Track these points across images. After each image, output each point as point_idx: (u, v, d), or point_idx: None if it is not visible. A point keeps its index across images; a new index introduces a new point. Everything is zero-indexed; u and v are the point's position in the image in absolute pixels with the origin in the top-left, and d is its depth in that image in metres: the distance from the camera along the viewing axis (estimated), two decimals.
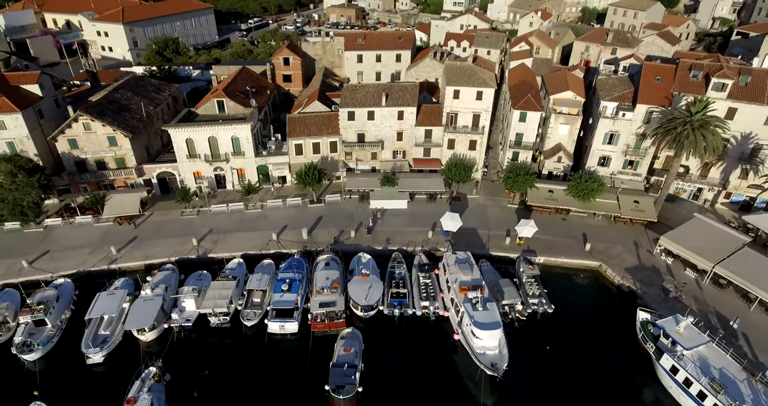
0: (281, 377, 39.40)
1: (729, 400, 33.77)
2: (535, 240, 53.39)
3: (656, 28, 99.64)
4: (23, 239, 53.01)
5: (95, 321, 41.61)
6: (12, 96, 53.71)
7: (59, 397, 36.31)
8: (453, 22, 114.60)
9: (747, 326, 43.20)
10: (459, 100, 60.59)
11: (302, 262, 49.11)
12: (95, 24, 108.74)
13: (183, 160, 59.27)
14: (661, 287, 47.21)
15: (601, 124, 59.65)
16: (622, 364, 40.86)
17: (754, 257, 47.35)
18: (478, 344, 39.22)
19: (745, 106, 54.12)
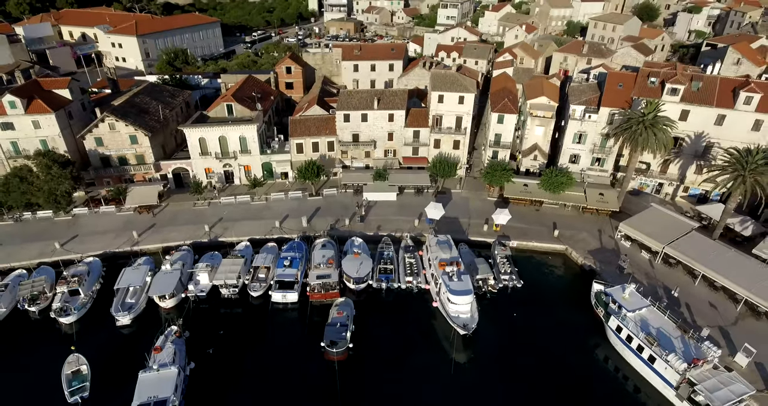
0: (283, 338, 45.80)
1: (661, 350, 40.03)
2: (510, 227, 59.95)
3: (633, 40, 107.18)
4: (54, 226, 59.65)
5: (122, 291, 48.10)
6: (46, 99, 60.81)
7: (94, 350, 42.52)
8: (444, 34, 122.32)
9: (691, 297, 49.53)
10: (443, 104, 67.62)
11: (302, 244, 55.66)
12: (110, 36, 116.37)
13: (196, 158, 66.17)
14: (618, 266, 53.61)
15: (570, 125, 66.57)
16: (578, 327, 47.22)
17: (700, 239, 53.83)
18: (453, 308, 45.63)
19: (696, 108, 60.98)
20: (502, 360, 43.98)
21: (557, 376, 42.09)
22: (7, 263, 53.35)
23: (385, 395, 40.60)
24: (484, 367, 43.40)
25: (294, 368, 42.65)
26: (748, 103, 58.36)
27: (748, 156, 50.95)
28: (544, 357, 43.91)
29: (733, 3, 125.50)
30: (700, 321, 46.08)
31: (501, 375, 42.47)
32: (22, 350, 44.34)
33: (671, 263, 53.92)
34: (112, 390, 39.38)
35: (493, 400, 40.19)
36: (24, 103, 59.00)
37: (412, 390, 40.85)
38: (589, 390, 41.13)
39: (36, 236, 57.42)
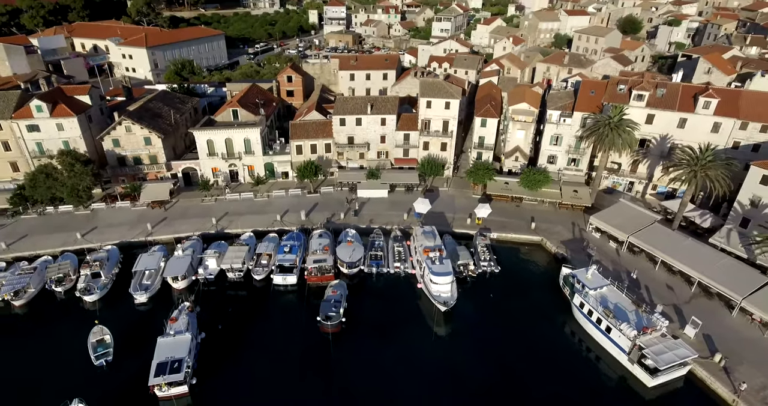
0: (283, 315, 51.27)
1: (616, 321, 45.42)
2: (491, 221, 65.61)
3: (614, 51, 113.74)
4: (74, 219, 65.33)
5: (139, 273, 53.61)
6: (69, 104, 66.88)
7: (115, 323, 47.82)
8: (437, 46, 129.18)
9: (651, 281, 54.93)
10: (431, 109, 73.70)
11: (301, 235, 61.30)
12: (121, 48, 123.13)
13: (204, 158, 72.09)
14: (586, 253, 59.14)
15: (547, 128, 72.59)
16: (547, 305, 52.66)
17: (661, 230, 59.47)
18: (435, 288, 51.10)
19: (661, 112, 66.98)
20: (478, 333, 49.37)
21: (527, 346, 47.38)
22: (34, 250, 58.94)
23: (374, 362, 45.82)
24: (462, 339, 48.77)
25: (293, 339, 47.99)
26: (707, 107, 64.32)
27: (699, 154, 56.74)
28: (515, 330, 49.26)
29: (711, 16, 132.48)
30: (656, 300, 51.40)
31: (476, 346, 47.79)
32: (50, 324, 49.85)
33: (635, 251, 59.47)
34: (133, 355, 44.73)
35: (470, 367, 45.36)
36: (49, 107, 65.08)
37: (398, 358, 46.08)
38: (556, 358, 46.37)
39: (58, 228, 63.09)
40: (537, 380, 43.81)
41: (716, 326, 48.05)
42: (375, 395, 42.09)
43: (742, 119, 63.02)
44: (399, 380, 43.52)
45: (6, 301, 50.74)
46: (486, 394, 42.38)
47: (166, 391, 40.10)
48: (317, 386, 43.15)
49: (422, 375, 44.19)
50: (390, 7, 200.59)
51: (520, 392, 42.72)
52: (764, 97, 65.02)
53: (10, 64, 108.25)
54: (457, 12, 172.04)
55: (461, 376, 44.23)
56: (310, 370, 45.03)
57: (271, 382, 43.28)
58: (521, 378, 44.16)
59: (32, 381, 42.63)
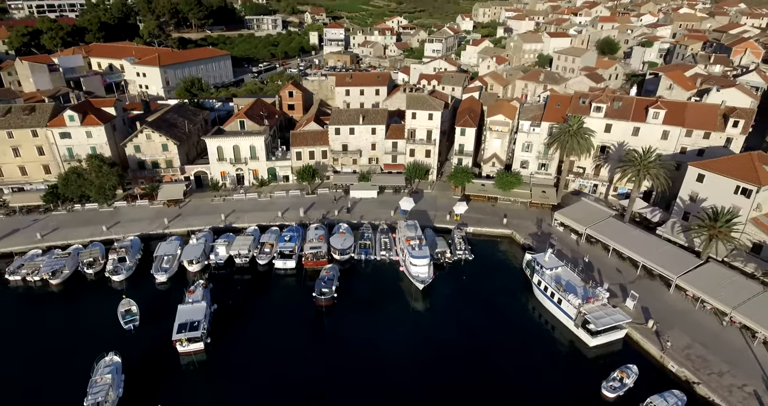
0: (284, 293, 59.53)
1: (566, 294, 53.54)
2: (468, 217, 74.16)
3: (589, 70, 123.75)
4: (99, 215, 73.85)
5: (159, 258, 61.87)
6: (97, 114, 76.12)
7: (139, 298, 55.87)
8: (428, 65, 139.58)
9: (603, 265, 63.09)
10: (416, 120, 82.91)
11: (299, 228, 69.76)
12: (136, 67, 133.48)
13: (214, 163, 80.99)
14: (549, 243, 67.40)
15: (519, 137, 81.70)
16: (512, 285, 60.86)
17: (615, 223, 67.94)
18: (414, 269, 59.34)
19: (617, 122, 76.10)
20: (451, 307, 57.47)
21: (493, 318, 55.39)
22: (65, 240, 67.30)
23: (361, 330, 53.65)
24: (437, 312, 56.92)
25: (291, 312, 56.07)
26: (656, 117, 73.45)
27: (642, 155, 65.70)
28: (484, 305, 57.35)
29: (681, 38, 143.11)
30: (606, 280, 59.16)
31: (449, 317, 55.84)
32: (84, 299, 58.13)
33: (592, 242, 67.87)
34: (156, 322, 52.64)
35: (443, 334, 53.23)
36: (80, 117, 74.24)
37: (382, 327, 54.04)
38: (517, 327, 54.39)
39: (85, 222, 71.60)
40: (501, 345, 51.64)
41: (655, 301, 56.19)
42: (362, 356, 49.83)
43: (687, 127, 72.09)
44: (382, 345, 51.34)
45: (44, 280, 59.04)
46: (457, 356, 49.92)
47: (186, 346, 48.13)
48: (312, 349, 51.02)
49: (402, 340, 52.10)
50: (386, 29, 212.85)
51: (487, 353, 50.44)
52: (706, 108, 74.35)
53: (33, 80, 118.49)
54: (448, 34, 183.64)
55: (435, 341, 52.08)
56: (306, 336, 52.99)
57: (273, 345, 51.17)
58: (487, 343, 51.98)
59: (72, 341, 50.55)
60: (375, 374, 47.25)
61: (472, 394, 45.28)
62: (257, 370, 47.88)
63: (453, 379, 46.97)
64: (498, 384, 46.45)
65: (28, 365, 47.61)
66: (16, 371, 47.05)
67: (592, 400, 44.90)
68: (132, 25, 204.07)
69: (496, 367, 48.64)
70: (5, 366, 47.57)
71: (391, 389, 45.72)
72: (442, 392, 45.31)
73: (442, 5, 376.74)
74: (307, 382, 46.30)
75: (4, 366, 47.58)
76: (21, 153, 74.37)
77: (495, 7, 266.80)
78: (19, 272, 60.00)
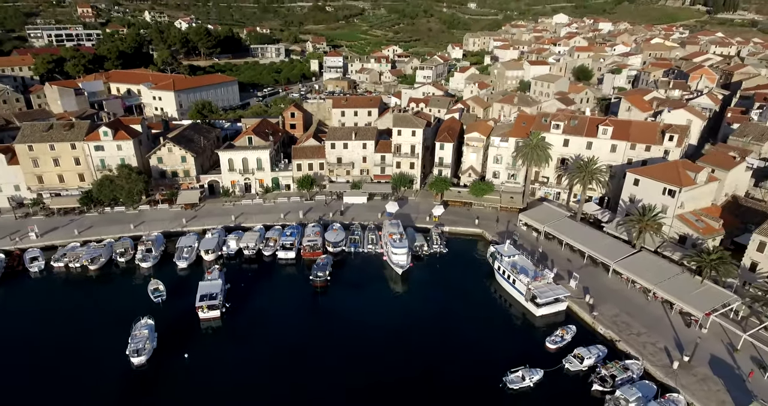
0: (285, 278, 70.65)
1: (519, 275, 64.62)
2: (446, 219, 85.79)
3: (562, 94, 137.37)
4: (126, 216, 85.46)
5: (180, 248, 73.26)
6: (126, 130, 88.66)
7: (165, 280, 66.87)
8: (418, 90, 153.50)
9: (557, 256, 74.37)
10: (401, 136, 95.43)
11: (299, 227, 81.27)
12: (153, 91, 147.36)
13: (225, 173, 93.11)
14: (513, 239, 78.77)
15: (491, 150, 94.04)
16: (478, 273, 71.99)
17: (569, 222, 79.52)
18: (394, 257, 70.60)
19: (573, 137, 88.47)
20: (426, 289, 68.59)
21: (461, 298, 66.19)
22: (99, 236, 78.69)
23: (349, 305, 64.60)
24: (413, 292, 68.02)
25: (291, 291, 67.29)
26: (605, 133, 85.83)
27: (587, 163, 77.92)
28: (453, 288, 68.30)
29: (647, 66, 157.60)
30: (557, 267, 70.46)
31: (424, 296, 66.89)
32: (117, 282, 69.32)
33: (549, 238, 79.28)
34: (179, 298, 63.59)
35: (418, 308, 64.16)
36: (112, 132, 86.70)
37: (366, 303, 65.10)
38: (480, 304, 65.33)
39: (115, 222, 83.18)
40: (467, 316, 62.32)
41: (595, 282, 67.28)
42: (350, 325, 60.34)
43: (632, 142, 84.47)
44: (367, 317, 62.14)
45: (84, 266, 70.32)
46: (430, 325, 60.46)
47: (206, 313, 59.13)
48: (309, 319, 61.88)
49: (383, 313, 63.08)
50: (382, 57, 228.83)
51: (455, 323, 60.93)
52: (647, 125, 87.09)
53: (61, 103, 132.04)
54: (437, 62, 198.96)
55: (412, 314, 62.87)
56: (304, 309, 64.01)
57: (276, 315, 62.18)
58: (456, 314, 62.60)
59: (110, 312, 61.35)
60: (361, 339, 57.43)
61: (443, 353, 55.76)
62: (263, 334, 58.66)
63: (427, 341, 57.49)
64: (464, 345, 56.95)
65: (77, 330, 58.38)
66: (68, 335, 57.74)
67: (537, 350, 55.56)
68: (146, 54, 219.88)
69: (463, 332, 59.29)
70: (59, 331, 58.38)
71: (374, 349, 56.12)
72: (418, 352, 55.70)
73: (437, 35, 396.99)
74: (305, 344, 56.97)
75: (59, 331, 58.38)
76: (60, 163, 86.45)
77: (484, 37, 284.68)
78: (62, 260, 71.37)
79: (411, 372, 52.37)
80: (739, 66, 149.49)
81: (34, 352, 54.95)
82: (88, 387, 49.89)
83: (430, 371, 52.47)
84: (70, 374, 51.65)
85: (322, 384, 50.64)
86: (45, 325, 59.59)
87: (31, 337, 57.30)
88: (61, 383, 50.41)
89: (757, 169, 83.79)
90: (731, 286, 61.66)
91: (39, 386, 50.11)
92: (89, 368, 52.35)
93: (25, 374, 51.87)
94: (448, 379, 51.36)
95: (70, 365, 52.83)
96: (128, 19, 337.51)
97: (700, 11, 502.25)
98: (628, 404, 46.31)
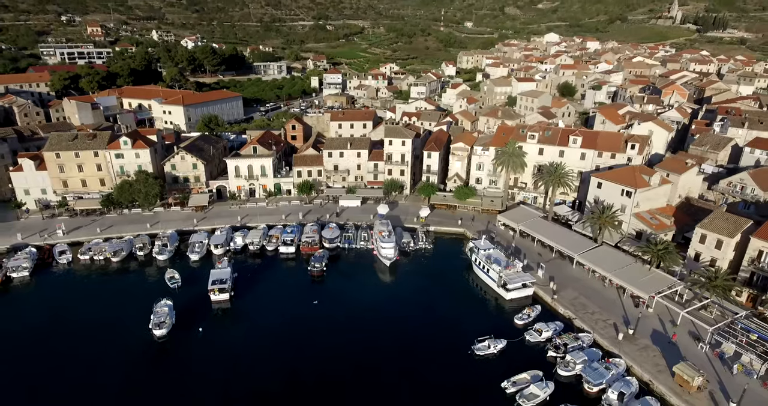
0: (286, 269, 79.41)
1: (492, 265, 73.37)
2: (431, 220, 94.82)
3: (545, 109, 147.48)
4: (142, 217, 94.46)
5: (193, 244, 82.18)
6: (143, 140, 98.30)
7: (180, 270, 75.70)
8: (411, 105, 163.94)
9: (530, 251, 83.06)
10: (392, 145, 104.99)
11: (299, 226, 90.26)
12: (163, 106, 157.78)
13: (232, 178, 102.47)
14: (490, 236, 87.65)
15: (473, 159, 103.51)
16: (458, 265, 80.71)
17: (541, 221, 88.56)
18: (383, 251, 79.48)
19: (548, 147, 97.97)
20: (411, 278, 77.27)
21: (443, 286, 74.85)
22: (119, 233, 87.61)
23: (343, 293, 73.08)
24: (400, 282, 76.69)
25: (291, 280, 76.02)
26: (575, 142, 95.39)
27: (555, 168, 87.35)
28: (436, 278, 77.00)
29: (626, 82, 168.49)
30: (528, 260, 79.26)
31: (409, 285, 75.54)
32: (137, 272, 78.03)
33: (524, 236, 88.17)
34: (193, 285, 72.27)
35: (403, 294, 72.84)
36: (131, 142, 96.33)
37: (357, 290, 73.67)
38: (460, 290, 74.00)
39: (133, 222, 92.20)
40: (446, 301, 70.89)
41: (560, 272, 75.91)
42: (343, 309, 68.82)
43: (599, 150, 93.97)
44: (358, 302, 70.69)
45: (107, 258, 79.20)
46: (414, 308, 69.16)
47: (217, 295, 67.80)
48: (307, 306, 70.18)
49: (373, 299, 71.64)
50: (379, 74, 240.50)
51: (436, 306, 69.50)
52: (613, 135, 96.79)
53: (79, 116, 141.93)
54: (431, 79, 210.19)
55: (397, 299, 71.64)
56: (302, 295, 72.51)
57: (278, 300, 70.73)
58: (436, 299, 71.19)
59: (132, 296, 70.08)
60: (353, 321, 65.75)
61: (422, 327, 64.24)
62: (266, 315, 67.18)
63: (409, 319, 66.13)
64: (441, 321, 65.52)
65: (104, 309, 66.96)
66: (96, 313, 66.27)
67: (505, 326, 64.06)
68: (155, 71, 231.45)
69: (441, 312, 67.87)
70: (88, 309, 67.03)
71: (364, 325, 64.66)
72: (401, 327, 64.12)
73: (434, 53, 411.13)
74: (303, 324, 65.46)
75: (88, 309, 67.03)
76: (84, 169, 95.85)
77: (477, 55, 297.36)
78: (88, 253, 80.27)
79: (395, 343, 60.83)
80: (710, 82, 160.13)
81: (68, 327, 63.50)
82: (117, 355, 58.31)
83: (411, 342, 60.91)
84: (100, 345, 60.01)
85: (318, 355, 58.93)
86: (75, 306, 68.32)
87: (64, 316, 65.94)
88: (94, 352, 58.79)
89: (712, 174, 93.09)
90: (677, 273, 70.38)
91: (75, 354, 58.49)
92: (117, 339, 60.85)
93: (64, 343, 60.32)
94: (425, 346, 59.86)
95: (101, 337, 61.26)
96: (136, 37, 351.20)
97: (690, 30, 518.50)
98: (575, 365, 54.81)
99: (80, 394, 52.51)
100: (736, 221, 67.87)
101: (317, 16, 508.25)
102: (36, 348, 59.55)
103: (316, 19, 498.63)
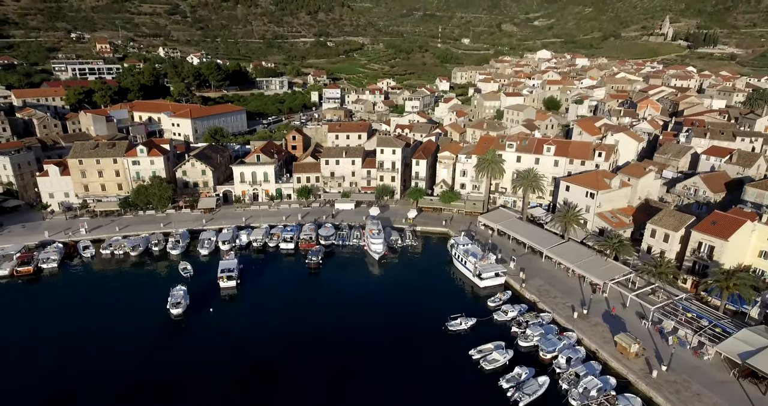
0: (286, 263, 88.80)
1: (469, 257, 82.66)
2: (419, 221, 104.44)
3: (529, 121, 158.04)
4: (156, 218, 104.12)
5: (202, 240, 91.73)
6: (158, 149, 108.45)
7: (191, 263, 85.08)
8: (404, 118, 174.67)
9: (506, 248, 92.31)
10: (383, 154, 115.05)
11: (298, 226, 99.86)
12: (172, 119, 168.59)
13: (237, 184, 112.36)
14: (469, 234, 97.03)
15: (458, 166, 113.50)
16: (441, 259, 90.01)
17: (517, 221, 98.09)
18: (372, 246, 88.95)
19: (524, 155, 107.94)
20: (398, 271, 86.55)
21: (426, 278, 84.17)
22: (136, 232, 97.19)
23: (336, 283, 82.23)
24: (388, 273, 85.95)
25: (291, 271, 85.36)
26: (549, 151, 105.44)
27: (528, 173, 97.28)
28: (420, 271, 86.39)
29: (607, 97, 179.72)
30: (503, 254, 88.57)
31: (396, 276, 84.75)
32: (153, 264, 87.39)
33: (501, 234, 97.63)
34: (203, 275, 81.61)
35: (390, 283, 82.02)
36: (147, 150, 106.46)
37: (350, 280, 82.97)
38: (441, 281, 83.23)
39: (147, 222, 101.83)
40: (429, 289, 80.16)
41: (531, 265, 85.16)
42: (337, 296, 78.07)
43: (570, 158, 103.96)
44: (351, 292, 79.73)
45: (126, 253, 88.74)
46: (400, 295, 78.24)
47: (225, 282, 77.09)
48: (304, 295, 79.32)
49: (363, 288, 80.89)
50: (376, 89, 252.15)
51: (417, 292, 78.71)
52: (582, 145, 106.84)
53: (94, 128, 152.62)
54: (425, 93, 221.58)
55: (384, 287, 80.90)
56: (300, 287, 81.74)
57: (278, 289, 80.00)
58: (418, 287, 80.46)
59: (149, 284, 79.44)
60: (345, 307, 74.67)
61: (403, 309, 73.26)
62: (268, 301, 76.36)
63: (393, 303, 75.22)
64: (420, 304, 74.65)
65: (125, 293, 76.26)
66: (118, 297, 75.53)
67: (477, 308, 73.09)
68: (162, 86, 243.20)
69: (425, 299, 76.87)
70: (112, 294, 76.37)
71: (353, 308, 73.69)
72: (386, 310, 73.17)
73: (431, 68, 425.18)
74: (300, 309, 74.58)
75: (112, 294, 76.38)
76: (104, 174, 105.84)
77: (471, 71, 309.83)
78: (109, 248, 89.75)
79: (379, 321, 69.91)
80: (685, 96, 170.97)
81: (96, 307, 72.74)
82: (140, 329, 67.45)
83: (395, 321, 69.88)
84: (126, 319, 69.08)
85: (313, 331, 67.95)
86: (100, 291, 77.69)
87: (92, 298, 75.22)
88: (120, 326, 67.86)
89: (672, 179, 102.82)
90: (631, 264, 79.67)
91: (104, 328, 67.55)
92: (140, 316, 70.08)
93: (94, 319, 69.45)
94: (405, 323, 68.96)
95: (125, 314, 70.42)
96: (144, 54, 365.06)
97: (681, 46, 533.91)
98: (533, 337, 63.94)
99: (110, 358, 61.52)
100: (681, 217, 77.43)
101: (318, 33, 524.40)
102: (70, 324, 68.63)
103: (317, 35, 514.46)
